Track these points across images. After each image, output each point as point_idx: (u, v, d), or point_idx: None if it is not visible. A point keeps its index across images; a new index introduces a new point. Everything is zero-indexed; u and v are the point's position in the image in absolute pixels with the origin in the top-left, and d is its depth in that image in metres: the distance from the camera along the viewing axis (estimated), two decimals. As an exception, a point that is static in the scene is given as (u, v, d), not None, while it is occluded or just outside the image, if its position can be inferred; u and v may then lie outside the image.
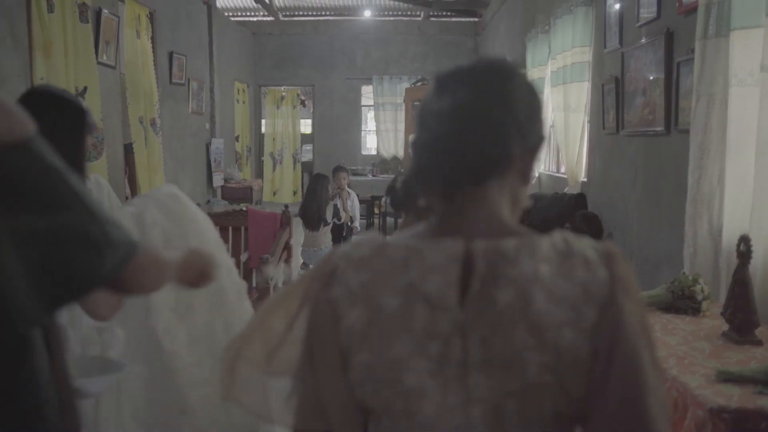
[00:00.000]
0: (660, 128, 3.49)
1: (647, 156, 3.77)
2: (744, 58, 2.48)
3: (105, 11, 5.06)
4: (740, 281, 1.99)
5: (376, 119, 11.08)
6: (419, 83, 9.39)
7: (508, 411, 0.80)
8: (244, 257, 4.37)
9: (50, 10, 4.26)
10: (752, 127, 2.41)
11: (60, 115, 1.77)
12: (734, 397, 1.55)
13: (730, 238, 2.51)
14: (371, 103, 11.18)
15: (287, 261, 4.28)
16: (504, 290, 0.79)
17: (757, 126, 2.35)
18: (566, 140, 5.15)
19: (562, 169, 5.64)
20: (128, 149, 5.74)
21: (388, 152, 10.98)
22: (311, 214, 5.51)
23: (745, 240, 1.99)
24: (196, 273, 1.35)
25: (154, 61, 6.13)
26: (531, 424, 0.80)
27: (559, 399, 0.79)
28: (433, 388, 0.81)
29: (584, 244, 0.82)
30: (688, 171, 2.83)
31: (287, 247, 4.31)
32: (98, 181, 1.97)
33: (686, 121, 3.07)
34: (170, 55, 6.76)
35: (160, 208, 1.87)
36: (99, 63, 4.95)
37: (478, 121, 0.83)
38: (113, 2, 5.32)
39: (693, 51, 2.86)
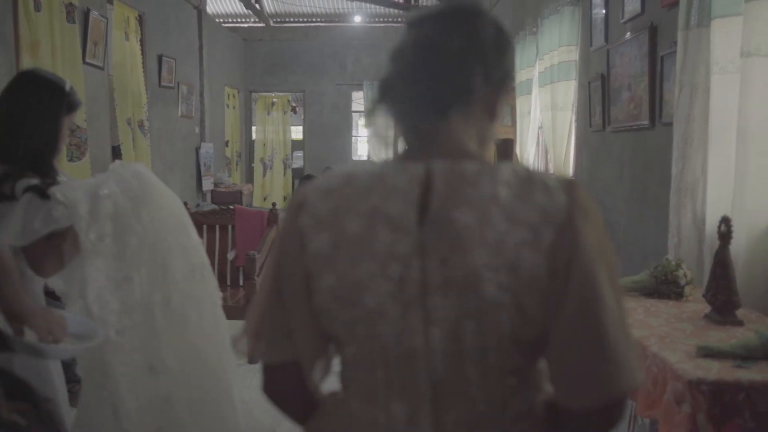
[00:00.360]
0: (645, 122, 3.51)
1: (633, 151, 3.79)
2: (725, 46, 2.49)
3: (94, 12, 5.06)
4: (721, 262, 1.99)
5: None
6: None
7: (466, 333, 0.79)
8: (231, 255, 4.36)
9: (37, 9, 4.25)
10: (733, 115, 2.42)
11: (39, 93, 1.86)
12: (713, 370, 1.55)
13: (713, 226, 2.51)
14: (362, 109, 11.19)
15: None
16: (463, 211, 0.79)
17: (738, 112, 2.37)
18: (554, 139, 5.17)
19: (551, 170, 5.66)
20: (116, 151, 5.72)
21: (379, 158, 10.96)
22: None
23: (725, 221, 2.00)
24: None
25: (143, 63, 6.13)
26: (488, 347, 0.80)
27: (516, 321, 0.79)
28: (393, 310, 0.81)
29: (547, 174, 0.83)
30: (672, 161, 2.84)
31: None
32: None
33: (670, 113, 3.09)
34: (159, 58, 6.75)
35: (119, 182, 1.90)
36: (87, 64, 4.94)
37: (439, 51, 0.85)
38: (102, 3, 5.31)
39: (676, 43, 2.88)
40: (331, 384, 0.95)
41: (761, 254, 2.31)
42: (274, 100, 11.27)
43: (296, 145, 11.81)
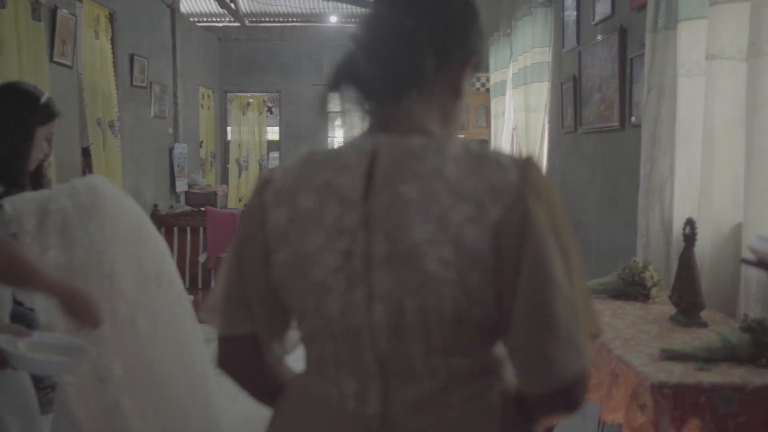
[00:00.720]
0: (615, 124, 3.53)
1: (604, 152, 3.81)
2: (690, 49, 2.51)
3: (62, 10, 4.97)
4: (686, 264, 2.00)
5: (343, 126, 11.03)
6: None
7: (409, 309, 0.78)
8: (202, 258, 4.32)
9: (2, 6, 4.17)
10: (699, 116, 2.44)
11: (11, 104, 1.88)
12: (675, 373, 1.55)
13: (680, 227, 2.53)
14: (338, 109, 11.12)
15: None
16: (407, 185, 0.78)
17: (704, 114, 2.38)
18: (527, 140, 5.19)
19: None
20: (86, 152, 5.62)
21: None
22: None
23: (690, 223, 2.01)
24: (81, 308, 1.52)
25: (113, 62, 6.03)
26: (432, 325, 0.78)
27: (459, 299, 0.76)
28: (338, 283, 0.81)
29: (503, 153, 0.80)
30: (641, 163, 2.85)
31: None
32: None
33: (640, 115, 3.11)
34: (131, 58, 6.66)
35: (71, 196, 1.91)
36: (55, 62, 4.85)
37: (388, 33, 0.83)
38: (70, 1, 5.22)
39: (644, 46, 2.89)
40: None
41: (726, 256, 2.32)
42: (250, 100, 11.20)
43: (272, 145, 11.74)
